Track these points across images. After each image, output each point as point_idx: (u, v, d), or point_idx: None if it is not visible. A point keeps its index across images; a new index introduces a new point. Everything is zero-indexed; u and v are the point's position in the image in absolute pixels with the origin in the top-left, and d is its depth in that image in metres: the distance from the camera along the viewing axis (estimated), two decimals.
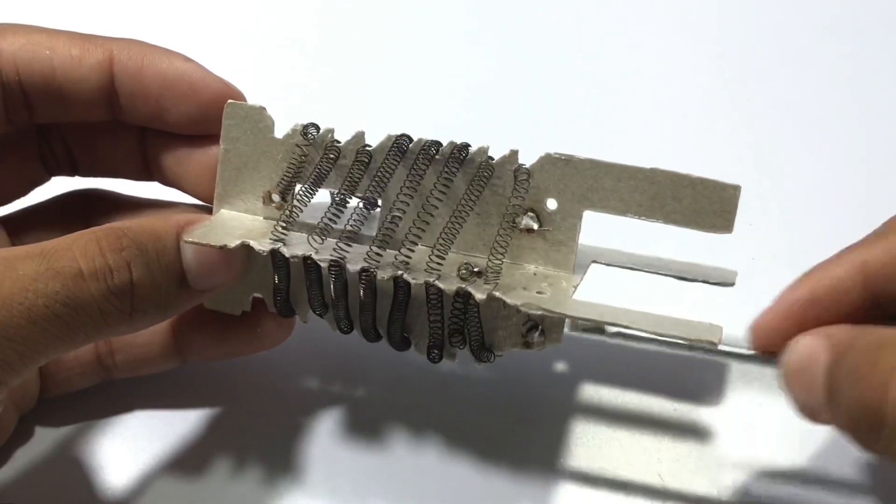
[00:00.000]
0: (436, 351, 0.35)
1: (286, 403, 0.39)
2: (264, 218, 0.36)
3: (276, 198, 0.35)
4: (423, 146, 0.35)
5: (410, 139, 0.35)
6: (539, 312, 0.32)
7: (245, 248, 0.33)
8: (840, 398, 0.28)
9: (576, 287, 0.34)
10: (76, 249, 0.31)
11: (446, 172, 0.34)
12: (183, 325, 0.37)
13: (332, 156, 0.35)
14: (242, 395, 0.39)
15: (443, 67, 0.53)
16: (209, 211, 0.36)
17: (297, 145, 0.35)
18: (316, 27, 0.56)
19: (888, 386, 0.26)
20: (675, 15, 0.56)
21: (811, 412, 0.30)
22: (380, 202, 0.35)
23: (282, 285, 0.35)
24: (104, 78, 0.34)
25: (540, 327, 0.35)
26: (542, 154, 0.34)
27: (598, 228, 0.35)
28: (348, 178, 0.35)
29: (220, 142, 0.35)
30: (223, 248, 0.33)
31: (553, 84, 0.52)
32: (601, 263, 0.36)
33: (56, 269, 0.30)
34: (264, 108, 0.35)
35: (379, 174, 0.34)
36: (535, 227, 0.35)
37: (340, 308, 0.35)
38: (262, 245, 0.34)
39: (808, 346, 0.29)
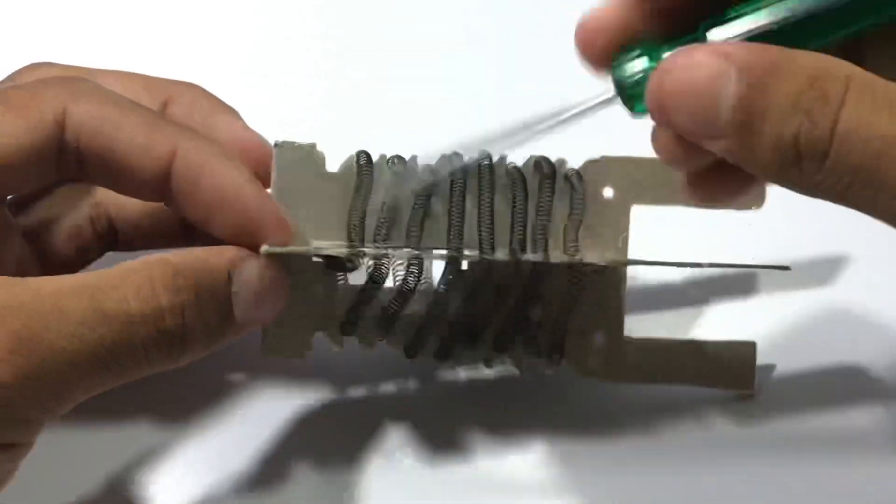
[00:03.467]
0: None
1: (314, 420, 0.38)
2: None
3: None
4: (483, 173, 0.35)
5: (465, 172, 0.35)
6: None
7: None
8: (766, 128, 0.25)
9: None
10: (127, 289, 0.30)
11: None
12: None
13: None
14: (258, 409, 0.38)
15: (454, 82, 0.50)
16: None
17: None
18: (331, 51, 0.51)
19: (839, 121, 0.24)
20: None
21: (697, 137, 0.26)
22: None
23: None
24: (161, 173, 0.32)
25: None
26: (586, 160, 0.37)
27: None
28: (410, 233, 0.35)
29: (272, 189, 0.35)
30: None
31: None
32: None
33: (104, 310, 0.29)
34: (315, 145, 0.35)
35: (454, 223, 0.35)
36: None
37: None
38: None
39: (710, 66, 0.25)
